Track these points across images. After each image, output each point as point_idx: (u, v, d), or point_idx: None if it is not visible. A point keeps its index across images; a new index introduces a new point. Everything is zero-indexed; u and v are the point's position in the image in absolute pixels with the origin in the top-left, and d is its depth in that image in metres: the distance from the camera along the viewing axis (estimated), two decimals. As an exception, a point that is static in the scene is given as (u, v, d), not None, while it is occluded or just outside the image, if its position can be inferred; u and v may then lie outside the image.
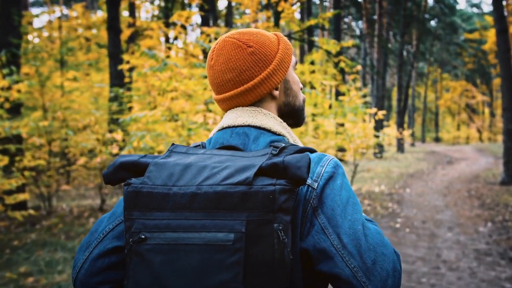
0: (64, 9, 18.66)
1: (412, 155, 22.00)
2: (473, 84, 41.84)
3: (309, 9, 19.30)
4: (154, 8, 18.52)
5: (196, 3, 7.74)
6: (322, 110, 8.58)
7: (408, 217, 7.37)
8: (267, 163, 0.79)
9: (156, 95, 7.21)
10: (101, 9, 18.91)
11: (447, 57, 38.87)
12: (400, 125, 23.15)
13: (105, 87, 10.37)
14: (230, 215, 0.75)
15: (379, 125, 19.99)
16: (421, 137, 40.47)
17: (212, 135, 1.00)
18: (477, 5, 45.93)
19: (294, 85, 1.04)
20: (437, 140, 41.91)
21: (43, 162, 6.30)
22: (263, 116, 0.96)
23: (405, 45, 27.75)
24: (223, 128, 0.98)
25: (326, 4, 28.15)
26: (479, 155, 22.01)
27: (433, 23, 34.80)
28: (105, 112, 8.44)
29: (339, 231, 0.82)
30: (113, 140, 6.81)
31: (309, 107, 9.22)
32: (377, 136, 10.71)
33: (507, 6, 18.00)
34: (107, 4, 10.15)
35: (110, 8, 10.05)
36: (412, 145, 31.00)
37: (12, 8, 7.28)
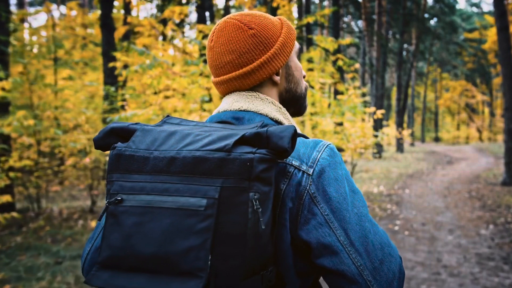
0: (62, 9, 18.47)
1: (412, 155, 21.80)
2: (473, 84, 41.66)
3: (307, 8, 19.09)
4: (152, 8, 18.32)
5: (193, 1, 7.58)
6: (320, 109, 8.37)
7: (407, 219, 7.16)
8: (250, 132, 0.77)
9: (148, 93, 7.00)
10: (98, 7, 18.70)
11: (446, 57, 38.67)
12: (400, 124, 22.95)
13: (100, 86, 10.17)
14: (205, 180, 0.73)
15: (378, 125, 19.79)
16: (420, 137, 40.29)
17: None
18: (477, 5, 45.75)
19: (296, 72, 1.00)
20: (437, 140, 41.73)
21: (29, 162, 6.09)
22: (260, 101, 0.93)
23: (405, 44, 27.56)
24: (219, 112, 0.96)
25: (325, 3, 27.95)
26: (479, 155, 21.81)
27: (432, 23, 34.61)
28: (99, 112, 8.24)
29: (346, 227, 0.79)
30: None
31: (307, 106, 8.99)
32: (375, 135, 10.51)
33: (507, 5, 17.83)
34: (100, 1, 9.94)
35: (103, 6, 9.84)
36: (412, 145, 30.81)
37: (-1, 4, 7.06)
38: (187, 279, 0.71)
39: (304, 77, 1.03)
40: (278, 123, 0.93)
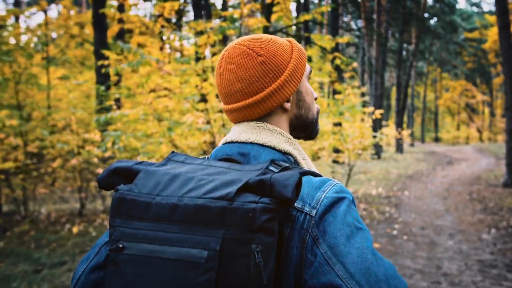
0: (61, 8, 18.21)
1: (411, 156, 21.57)
2: (473, 84, 41.46)
3: (306, 6, 18.86)
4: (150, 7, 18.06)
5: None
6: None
7: (406, 222, 6.93)
8: (254, 179, 0.74)
9: (138, 92, 6.77)
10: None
11: (446, 56, 38.47)
12: (399, 125, 22.72)
13: (93, 85, 9.94)
14: (206, 231, 0.71)
15: (378, 125, 19.56)
16: (420, 137, 40.06)
17: (217, 148, 0.96)
18: (477, 4, 45.58)
19: (307, 97, 0.97)
20: (437, 140, 41.52)
21: (11, 164, 5.86)
22: (268, 132, 0.91)
23: (404, 43, 27.34)
24: (226, 143, 0.94)
25: (324, 3, 27.72)
26: (479, 156, 21.59)
27: (432, 22, 34.41)
28: (91, 111, 8.01)
29: (344, 260, 0.75)
30: (91, 140, 6.36)
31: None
32: (374, 136, 10.28)
33: (508, 4, 17.59)
34: (92, -2, 9.72)
35: (95, 3, 9.61)
36: (411, 145, 30.59)
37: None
38: None
39: (316, 99, 1.00)
40: (287, 154, 0.90)
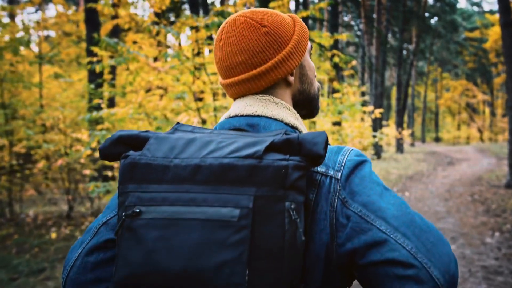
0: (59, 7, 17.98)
1: (412, 156, 21.32)
2: (473, 83, 41.24)
3: (305, 4, 18.63)
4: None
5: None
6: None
7: (407, 225, 6.68)
8: (280, 138, 0.72)
9: (129, 91, 6.54)
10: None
11: (447, 56, 38.25)
12: (400, 124, 22.46)
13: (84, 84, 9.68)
14: (236, 189, 0.68)
15: (378, 125, 19.31)
16: (421, 137, 39.83)
17: (217, 124, 0.91)
18: (478, 4, 45.33)
19: (310, 72, 0.96)
20: (437, 140, 41.29)
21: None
22: (274, 106, 0.88)
23: (405, 43, 27.11)
24: (230, 117, 0.89)
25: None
26: (480, 156, 21.33)
27: (433, 22, 34.19)
28: (82, 110, 7.77)
29: (383, 215, 0.73)
30: (79, 140, 6.12)
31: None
32: (374, 136, 10.03)
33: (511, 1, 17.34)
34: (84, -6, 9.47)
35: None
36: (412, 145, 30.34)
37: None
38: None
39: (315, 77, 0.98)
40: (294, 128, 0.88)
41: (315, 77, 0.98)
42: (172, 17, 14.88)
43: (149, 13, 18.94)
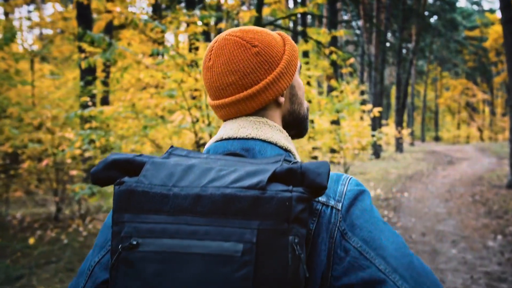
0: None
1: (411, 155, 21.10)
2: (473, 82, 41.03)
3: (303, 2, 18.39)
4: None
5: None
6: (311, 106, 7.68)
7: (406, 227, 6.46)
8: (282, 167, 0.70)
9: (117, 88, 6.32)
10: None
11: (447, 55, 38.02)
12: (399, 123, 22.24)
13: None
14: (239, 222, 0.65)
15: (377, 124, 19.10)
16: (420, 136, 39.61)
17: (208, 146, 0.88)
18: (478, 3, 45.09)
19: (300, 91, 0.93)
20: (437, 139, 41.09)
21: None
22: (268, 128, 0.85)
23: (404, 41, 26.88)
24: (222, 139, 0.85)
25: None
26: (480, 155, 21.12)
27: (433, 21, 33.96)
28: (69, 109, 7.53)
29: (384, 254, 0.71)
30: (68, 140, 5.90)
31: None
32: (372, 135, 9.81)
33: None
34: (75, -11, 9.24)
35: (79, -5, 9.13)
36: (412, 144, 30.12)
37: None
38: None
39: (304, 96, 0.95)
40: (288, 151, 0.85)
41: (304, 96, 0.95)
42: (169, 15, 14.65)
43: (147, 11, 18.70)
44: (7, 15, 16.89)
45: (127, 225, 0.68)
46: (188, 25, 5.91)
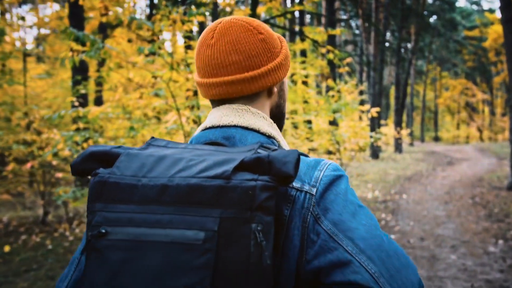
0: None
1: (411, 156, 20.91)
2: (473, 82, 40.87)
3: (301, 1, 18.20)
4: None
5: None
6: (305, 106, 7.48)
7: (404, 232, 6.26)
8: (250, 157, 0.71)
9: (106, 88, 6.12)
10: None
11: (446, 55, 37.85)
12: (398, 124, 22.03)
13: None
14: (202, 211, 0.67)
15: (376, 124, 18.90)
16: (420, 137, 39.40)
17: (193, 136, 0.91)
18: (477, 2, 44.95)
19: (286, 90, 0.98)
20: (437, 139, 40.90)
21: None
22: (251, 115, 0.87)
23: (403, 41, 26.70)
24: (206, 128, 0.89)
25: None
26: (480, 155, 20.93)
27: (432, 20, 33.80)
28: (60, 108, 7.34)
29: (352, 236, 0.72)
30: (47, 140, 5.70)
31: (300, 105, 8.13)
32: (370, 136, 9.61)
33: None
34: (67, -13, 9.04)
35: (70, -7, 8.93)
36: (411, 144, 29.92)
37: None
38: None
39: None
40: (271, 138, 0.87)
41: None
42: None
43: (144, 10, 18.46)
44: (2, 13, 16.72)
45: (98, 214, 0.70)
46: (183, 23, 5.72)
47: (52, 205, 6.57)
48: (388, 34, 27.73)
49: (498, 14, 32.23)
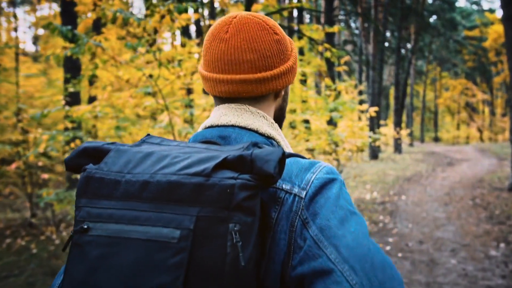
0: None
1: (410, 156, 20.72)
2: (473, 82, 40.70)
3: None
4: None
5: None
6: (303, 105, 7.30)
7: (402, 234, 6.07)
8: (233, 154, 0.70)
9: (100, 87, 5.94)
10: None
11: (446, 55, 37.67)
12: (398, 124, 21.84)
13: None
14: (180, 209, 0.65)
15: (375, 124, 18.72)
16: (419, 137, 39.22)
17: (193, 135, 0.90)
18: (477, 2, 44.79)
19: (289, 93, 0.98)
20: (437, 139, 40.72)
21: None
22: (250, 115, 0.86)
23: (403, 41, 26.54)
24: (206, 127, 0.88)
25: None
26: (480, 156, 20.74)
27: (432, 20, 33.64)
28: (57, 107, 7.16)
29: (337, 243, 0.69)
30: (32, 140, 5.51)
31: (297, 104, 7.94)
32: (368, 136, 9.43)
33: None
34: (59, -16, 8.87)
35: (63, -11, 8.76)
36: (411, 145, 29.73)
37: None
38: None
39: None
40: (270, 138, 0.85)
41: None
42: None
43: (140, 9, 18.27)
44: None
45: (83, 209, 0.70)
46: (172, 20, 5.54)
47: (40, 207, 6.38)
48: (387, 34, 27.57)
49: (498, 14, 32.12)
